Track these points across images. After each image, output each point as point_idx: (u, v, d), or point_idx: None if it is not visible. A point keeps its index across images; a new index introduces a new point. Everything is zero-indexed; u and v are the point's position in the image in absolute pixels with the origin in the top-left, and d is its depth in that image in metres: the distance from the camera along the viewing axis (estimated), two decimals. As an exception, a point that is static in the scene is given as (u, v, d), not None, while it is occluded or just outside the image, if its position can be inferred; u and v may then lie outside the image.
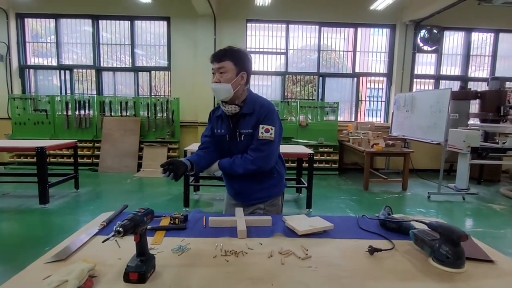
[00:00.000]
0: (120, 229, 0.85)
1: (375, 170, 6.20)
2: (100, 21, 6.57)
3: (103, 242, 0.94)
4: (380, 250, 1.15)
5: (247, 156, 1.56)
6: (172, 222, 1.36)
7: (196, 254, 1.11)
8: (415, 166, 6.35)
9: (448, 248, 1.06)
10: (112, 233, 0.86)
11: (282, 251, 1.13)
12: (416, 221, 1.30)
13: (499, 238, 3.35)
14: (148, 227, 1.25)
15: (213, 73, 1.56)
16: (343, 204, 4.40)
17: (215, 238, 1.23)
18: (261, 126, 1.53)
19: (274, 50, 6.77)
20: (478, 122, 6.19)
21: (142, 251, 0.95)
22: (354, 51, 6.80)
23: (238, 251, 1.12)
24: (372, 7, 5.55)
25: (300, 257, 1.10)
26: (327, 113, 6.49)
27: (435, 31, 6.51)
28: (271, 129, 1.54)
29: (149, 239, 1.17)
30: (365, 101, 7.13)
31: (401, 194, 5.02)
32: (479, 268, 1.06)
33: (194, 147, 4.05)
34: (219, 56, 1.52)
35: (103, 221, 1.33)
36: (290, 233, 1.31)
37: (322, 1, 6.40)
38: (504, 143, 5.10)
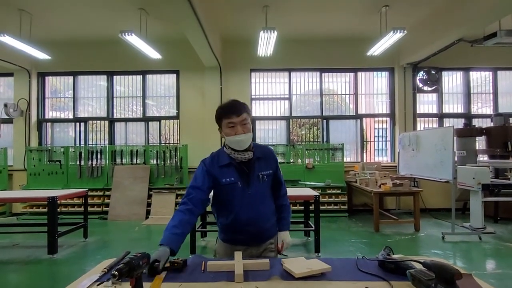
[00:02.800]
0: (116, 272, 0.89)
1: (385, 210, 6.04)
2: (114, 76, 7.07)
3: (98, 285, 0.98)
4: (377, 291, 1.15)
5: (285, 194, 1.84)
6: (171, 267, 1.38)
7: (192, 299, 1.13)
8: (427, 205, 6.19)
9: (443, 287, 1.06)
10: (108, 277, 0.90)
11: (277, 295, 1.14)
12: (412, 261, 1.30)
13: (521, 281, 3.16)
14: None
15: (231, 126, 1.57)
16: (353, 247, 4.25)
17: (212, 283, 1.25)
18: (278, 168, 1.78)
19: (278, 96, 7.06)
20: (487, 159, 6.12)
21: (138, 296, 0.98)
22: (356, 93, 7.03)
23: (233, 295, 1.14)
24: (369, 53, 5.86)
25: (294, 300, 1.10)
26: (332, 155, 6.53)
27: (433, 72, 6.73)
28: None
29: (148, 285, 1.19)
30: (371, 141, 7.19)
31: (414, 235, 4.84)
32: (477, 309, 1.04)
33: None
34: (239, 110, 1.59)
35: (105, 268, 1.36)
36: (288, 276, 1.31)
37: (321, 49, 6.78)
38: (515, 179, 5.00)
